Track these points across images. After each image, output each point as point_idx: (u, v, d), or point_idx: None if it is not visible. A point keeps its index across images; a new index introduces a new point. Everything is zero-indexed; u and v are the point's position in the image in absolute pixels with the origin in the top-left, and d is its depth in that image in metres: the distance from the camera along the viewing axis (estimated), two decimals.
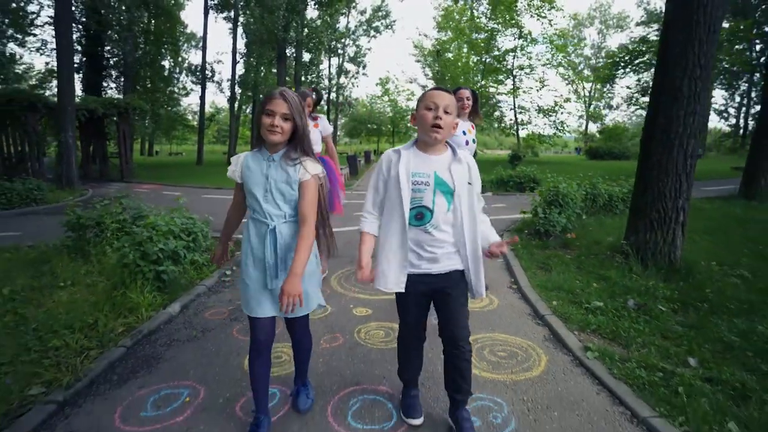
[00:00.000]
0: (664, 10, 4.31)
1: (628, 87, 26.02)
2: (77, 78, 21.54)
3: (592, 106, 48.01)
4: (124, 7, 23.33)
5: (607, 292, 3.72)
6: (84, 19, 22.17)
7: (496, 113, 29.61)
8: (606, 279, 4.02)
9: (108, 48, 25.39)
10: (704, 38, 3.80)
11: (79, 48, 22.73)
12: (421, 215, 1.77)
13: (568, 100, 25.04)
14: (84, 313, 3.31)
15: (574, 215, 6.19)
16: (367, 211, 1.92)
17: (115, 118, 17.92)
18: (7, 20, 24.71)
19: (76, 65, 19.71)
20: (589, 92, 48.28)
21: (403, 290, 1.81)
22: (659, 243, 4.16)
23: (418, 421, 2.04)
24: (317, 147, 3.71)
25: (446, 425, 2.05)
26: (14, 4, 23.39)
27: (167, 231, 4.07)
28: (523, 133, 29.61)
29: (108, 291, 3.67)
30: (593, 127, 50.29)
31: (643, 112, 29.16)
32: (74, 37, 18.94)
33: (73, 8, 19.49)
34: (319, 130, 3.89)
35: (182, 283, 4.07)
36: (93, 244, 4.89)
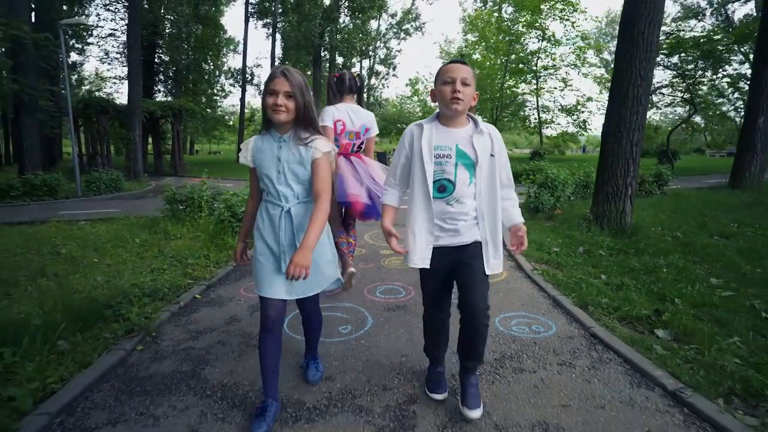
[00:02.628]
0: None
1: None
2: None
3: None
4: (172, 18, 25.76)
5: (566, 243, 5.07)
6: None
7: (522, 113, 30.52)
8: (570, 237, 5.36)
9: (159, 54, 27.95)
10: (643, 56, 5.08)
11: None
12: (443, 188, 1.77)
13: (590, 99, 25.82)
14: (198, 250, 4.92)
15: (564, 196, 7.50)
16: (388, 183, 1.96)
17: (170, 119, 20.06)
18: (70, 32, 27.55)
19: None
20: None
21: (428, 266, 1.81)
22: (613, 211, 5.45)
23: (440, 396, 2.04)
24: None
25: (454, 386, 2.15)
26: (76, 18, 26.19)
27: (245, 199, 5.67)
28: (549, 132, 30.45)
29: (210, 239, 5.29)
30: None
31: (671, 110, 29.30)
32: None
33: None
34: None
35: None
36: (186, 213, 6.57)
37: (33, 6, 14.53)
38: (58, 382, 2.17)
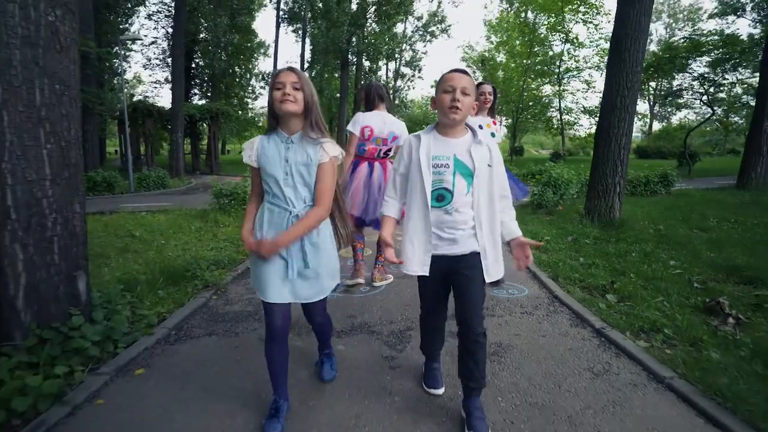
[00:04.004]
0: None
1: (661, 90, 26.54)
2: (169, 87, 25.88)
3: (657, 106, 46.35)
4: (210, 26, 27.35)
5: (558, 233, 5.83)
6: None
7: (546, 114, 30.83)
8: (563, 228, 6.11)
9: (195, 60, 29.65)
10: (629, 70, 5.80)
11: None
12: (441, 197, 1.79)
13: None
14: None
15: (568, 194, 8.20)
16: (388, 195, 1.98)
17: (207, 121, 21.47)
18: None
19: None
20: (654, 90, 46.73)
21: (428, 273, 1.83)
22: (603, 207, 6.17)
23: (439, 391, 2.15)
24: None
25: (458, 417, 1.98)
26: (133, 33, 28.13)
27: None
28: (573, 133, 30.65)
29: None
30: (658, 126, 48.61)
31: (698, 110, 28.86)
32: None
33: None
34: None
35: None
36: (231, 206, 7.63)
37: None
38: (166, 314, 3.15)
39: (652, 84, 44.48)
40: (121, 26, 25.59)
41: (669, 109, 46.43)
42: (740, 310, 3.08)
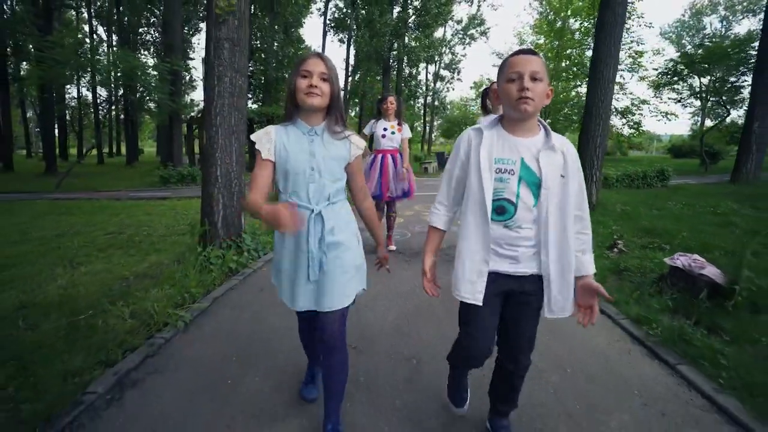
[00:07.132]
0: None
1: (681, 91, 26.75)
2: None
3: (710, 102, 45.01)
4: (264, 38, 30.30)
5: None
6: None
7: (580, 114, 31.76)
8: None
9: (251, 68, 32.76)
10: (602, 86, 7.53)
11: None
12: (502, 209, 1.48)
13: (645, 101, 26.56)
14: None
15: None
16: (438, 201, 1.68)
17: (263, 123, 24.19)
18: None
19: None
20: (707, 87, 45.37)
21: (480, 303, 1.52)
22: None
23: (464, 411, 1.98)
24: (395, 144, 4.79)
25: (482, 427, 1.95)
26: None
27: None
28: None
29: None
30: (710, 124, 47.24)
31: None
32: None
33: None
34: (401, 134, 4.79)
35: None
36: None
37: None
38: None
39: (704, 80, 43.86)
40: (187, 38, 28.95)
41: (725, 108, 45.04)
42: (630, 247, 4.91)
